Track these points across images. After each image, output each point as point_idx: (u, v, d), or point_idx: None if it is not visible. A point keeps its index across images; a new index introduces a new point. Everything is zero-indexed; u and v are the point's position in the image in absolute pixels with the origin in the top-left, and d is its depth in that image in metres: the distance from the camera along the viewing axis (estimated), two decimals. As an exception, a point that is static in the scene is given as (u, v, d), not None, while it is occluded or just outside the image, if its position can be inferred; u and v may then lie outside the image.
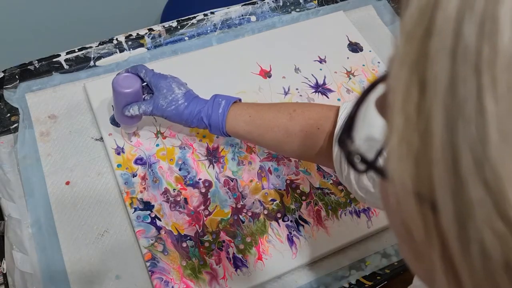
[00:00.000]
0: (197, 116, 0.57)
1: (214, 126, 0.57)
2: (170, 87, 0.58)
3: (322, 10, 0.87)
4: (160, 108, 0.58)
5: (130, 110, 0.59)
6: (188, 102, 0.57)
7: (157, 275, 0.55)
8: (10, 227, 0.56)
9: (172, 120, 0.59)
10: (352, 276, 0.59)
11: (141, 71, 0.60)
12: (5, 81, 0.69)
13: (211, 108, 0.57)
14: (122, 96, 0.59)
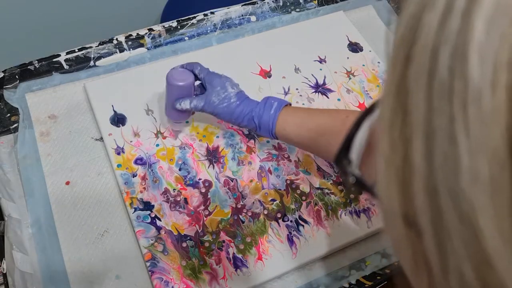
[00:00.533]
0: (248, 116, 0.58)
1: (264, 127, 0.57)
2: (223, 85, 0.59)
3: (322, 10, 0.87)
4: (212, 105, 0.59)
5: (181, 103, 0.60)
6: (240, 102, 0.59)
7: (157, 275, 0.55)
8: (10, 227, 0.56)
9: (222, 117, 0.60)
10: (352, 276, 0.59)
11: (196, 68, 0.62)
12: (5, 81, 0.69)
13: (263, 108, 0.57)
14: (175, 89, 0.60)
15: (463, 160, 0.15)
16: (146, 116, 0.68)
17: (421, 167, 0.16)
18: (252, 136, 0.68)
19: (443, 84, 0.15)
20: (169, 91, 0.61)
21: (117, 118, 0.67)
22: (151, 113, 0.68)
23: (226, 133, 0.68)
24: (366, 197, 0.64)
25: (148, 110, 0.69)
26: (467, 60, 0.14)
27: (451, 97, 0.15)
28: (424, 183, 0.16)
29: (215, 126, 0.68)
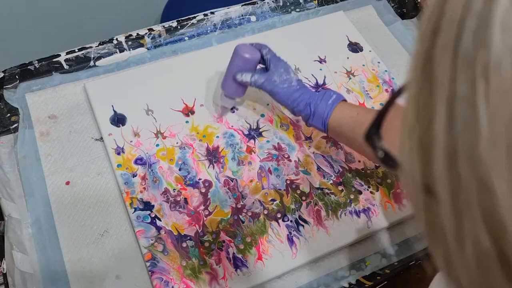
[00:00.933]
0: (304, 101, 0.59)
1: (318, 115, 0.59)
2: (287, 69, 0.61)
3: (322, 10, 0.87)
4: (272, 83, 0.60)
5: (242, 75, 0.61)
6: (300, 87, 0.61)
7: (157, 275, 0.55)
8: (10, 227, 0.56)
9: (278, 97, 0.61)
10: (352, 276, 0.59)
11: (264, 48, 0.63)
12: (5, 81, 0.69)
13: (321, 98, 0.59)
14: (241, 60, 0.62)
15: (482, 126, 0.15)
16: (146, 116, 0.68)
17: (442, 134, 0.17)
18: (252, 136, 0.68)
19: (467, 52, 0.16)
20: (233, 62, 0.63)
21: (117, 118, 0.67)
22: (151, 113, 0.68)
23: (226, 133, 0.68)
24: (366, 197, 0.64)
25: (148, 110, 0.69)
26: (490, 28, 0.15)
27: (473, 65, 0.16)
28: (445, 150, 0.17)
29: (215, 126, 0.68)
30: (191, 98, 0.71)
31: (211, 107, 0.70)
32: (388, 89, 0.76)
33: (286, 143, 0.68)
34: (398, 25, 0.88)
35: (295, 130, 0.70)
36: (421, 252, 0.62)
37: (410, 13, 0.92)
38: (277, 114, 0.71)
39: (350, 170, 0.66)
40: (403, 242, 0.63)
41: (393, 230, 0.64)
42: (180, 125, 0.68)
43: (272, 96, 0.62)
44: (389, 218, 0.63)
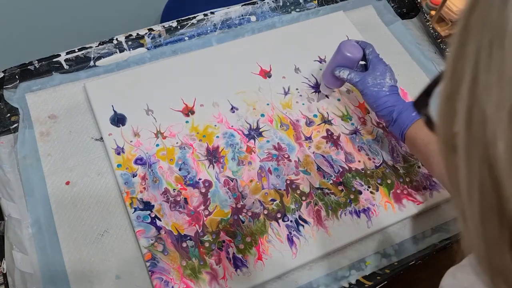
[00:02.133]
0: (389, 108, 0.61)
1: (398, 123, 0.60)
2: (384, 73, 0.63)
3: (322, 10, 0.87)
4: (365, 84, 0.63)
5: (340, 72, 0.66)
6: (390, 93, 0.62)
7: (157, 275, 0.55)
8: (10, 227, 0.56)
9: (366, 98, 0.64)
10: (352, 276, 0.59)
11: (368, 48, 0.67)
12: (5, 81, 0.69)
13: (406, 108, 0.61)
14: (342, 57, 0.66)
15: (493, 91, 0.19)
16: (146, 116, 0.68)
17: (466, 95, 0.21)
18: (252, 136, 0.68)
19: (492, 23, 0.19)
20: (336, 58, 0.67)
21: (117, 118, 0.67)
22: (151, 113, 0.68)
23: (226, 133, 0.68)
24: (366, 197, 0.64)
25: (148, 110, 0.69)
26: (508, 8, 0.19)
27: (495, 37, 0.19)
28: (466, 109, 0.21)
29: (215, 126, 0.68)
30: (191, 98, 0.71)
31: (211, 107, 0.70)
32: (388, 89, 0.76)
33: (286, 143, 0.68)
34: (398, 25, 0.88)
35: (295, 130, 0.70)
36: (421, 252, 0.62)
37: (410, 13, 0.92)
38: (277, 114, 0.71)
39: (350, 170, 0.66)
40: (403, 242, 0.63)
41: (393, 230, 0.64)
42: (180, 125, 0.68)
43: (362, 95, 0.65)
44: (389, 218, 0.63)
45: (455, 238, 0.63)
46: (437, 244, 0.63)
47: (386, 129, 0.71)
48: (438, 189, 0.66)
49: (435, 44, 0.86)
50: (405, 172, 0.67)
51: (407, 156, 0.69)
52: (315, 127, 0.70)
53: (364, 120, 0.72)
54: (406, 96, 0.75)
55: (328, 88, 0.71)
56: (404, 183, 0.66)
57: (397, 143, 0.70)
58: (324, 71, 0.70)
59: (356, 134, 0.70)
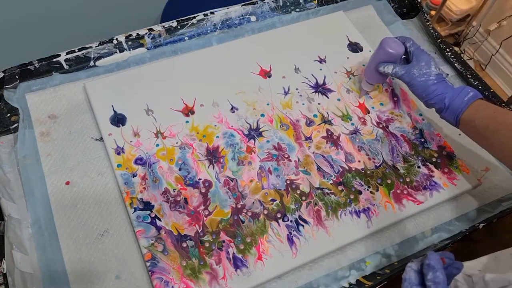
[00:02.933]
0: (440, 96, 0.62)
1: (452, 109, 0.61)
2: (429, 63, 0.64)
3: (322, 10, 0.87)
4: (411, 75, 0.64)
5: (385, 67, 0.67)
6: (438, 81, 0.63)
7: (157, 275, 0.55)
8: (10, 227, 0.56)
9: (415, 89, 0.64)
10: (352, 276, 0.59)
11: (408, 41, 0.67)
12: (5, 81, 0.69)
13: (458, 93, 0.61)
14: (385, 54, 0.67)
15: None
16: (146, 116, 0.68)
17: None
18: (252, 136, 0.68)
19: None
20: (378, 54, 0.68)
21: (117, 118, 0.67)
22: (151, 113, 0.68)
23: (226, 133, 0.68)
24: (366, 197, 0.64)
25: (148, 110, 0.69)
26: None
27: None
28: None
29: (215, 126, 0.68)
30: (191, 98, 0.71)
31: (211, 107, 0.70)
32: (388, 89, 0.77)
33: (286, 143, 0.68)
34: (398, 25, 0.88)
35: (295, 130, 0.70)
36: (421, 252, 0.62)
37: (410, 13, 0.92)
38: (277, 114, 0.71)
39: (350, 170, 0.66)
40: (403, 242, 0.63)
41: (393, 230, 0.64)
42: (180, 125, 0.68)
43: (409, 87, 0.65)
44: (389, 218, 0.63)
45: (455, 238, 0.63)
46: (437, 244, 0.63)
47: (387, 129, 0.71)
48: (438, 189, 0.66)
49: (435, 44, 0.86)
50: (405, 172, 0.67)
51: (407, 156, 0.69)
52: (315, 127, 0.70)
53: (364, 120, 0.72)
54: (406, 96, 0.76)
55: (369, 85, 0.73)
56: (404, 183, 0.66)
57: (397, 143, 0.70)
58: (366, 68, 0.71)
59: (356, 134, 0.70)
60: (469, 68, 0.82)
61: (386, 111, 0.74)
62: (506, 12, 1.73)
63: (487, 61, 1.87)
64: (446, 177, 0.67)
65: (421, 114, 0.74)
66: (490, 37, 1.84)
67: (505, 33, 1.76)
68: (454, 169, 0.68)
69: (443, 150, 0.70)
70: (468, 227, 0.64)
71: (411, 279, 0.44)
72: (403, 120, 0.73)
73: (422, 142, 0.71)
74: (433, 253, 0.43)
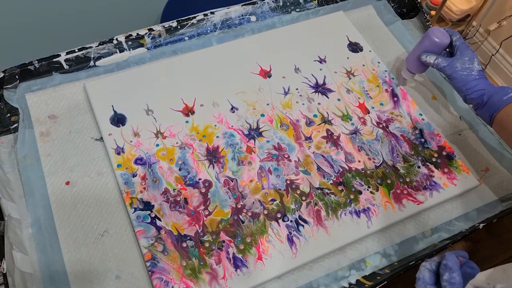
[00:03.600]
0: (480, 91, 0.63)
1: (489, 106, 0.61)
2: (472, 58, 0.65)
3: (322, 10, 0.87)
4: (453, 68, 0.64)
5: (427, 57, 0.67)
6: (479, 77, 0.64)
7: (157, 275, 0.55)
8: (10, 227, 0.56)
9: (455, 82, 0.65)
10: (352, 276, 0.59)
11: (455, 35, 0.67)
12: (5, 81, 0.69)
13: (498, 91, 0.62)
14: (430, 42, 0.67)
15: None
16: (146, 116, 0.68)
17: None
18: (252, 136, 0.68)
19: None
20: (423, 43, 0.68)
21: (117, 118, 0.67)
22: (151, 113, 0.68)
23: (226, 133, 0.68)
24: (366, 197, 0.64)
25: (148, 110, 0.69)
26: None
27: None
28: None
29: (215, 126, 0.68)
30: (191, 98, 0.71)
31: (211, 107, 0.70)
32: (388, 89, 0.77)
33: (286, 143, 0.68)
34: (398, 25, 0.88)
35: (295, 130, 0.70)
36: (421, 252, 0.62)
37: (410, 13, 0.92)
38: (277, 114, 0.71)
39: (350, 170, 0.66)
40: (403, 242, 0.63)
41: (393, 230, 0.64)
42: (180, 125, 0.68)
43: (450, 80, 0.65)
44: (389, 218, 0.63)
45: (455, 238, 0.63)
46: (437, 244, 0.63)
47: (387, 129, 0.71)
48: (438, 189, 0.66)
49: (435, 44, 0.86)
50: (405, 172, 0.67)
51: (407, 156, 0.69)
52: (315, 127, 0.70)
53: (364, 120, 0.72)
54: (406, 96, 0.76)
55: (410, 73, 0.73)
56: (404, 183, 0.66)
57: (397, 143, 0.70)
58: (409, 56, 0.71)
59: (356, 134, 0.70)
60: (469, 68, 0.82)
61: (386, 111, 0.74)
62: (506, 12, 1.73)
63: (487, 61, 1.87)
64: (446, 177, 0.67)
65: (421, 114, 0.74)
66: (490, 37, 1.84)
67: (505, 33, 1.76)
68: (454, 169, 0.68)
69: (443, 150, 0.70)
70: (468, 227, 0.64)
71: (425, 278, 0.43)
72: (403, 120, 0.73)
73: (422, 142, 0.71)
74: (451, 253, 0.43)
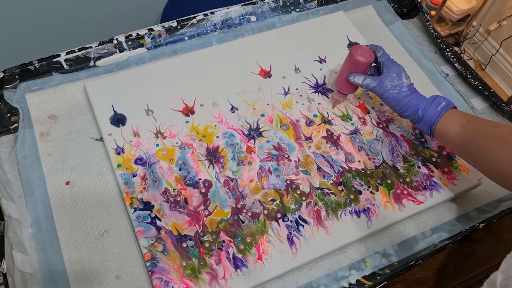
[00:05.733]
0: (413, 107, 0.62)
1: (425, 120, 0.61)
2: (399, 74, 0.63)
3: (322, 10, 0.87)
4: (383, 88, 0.63)
5: (355, 78, 0.65)
6: (410, 93, 0.62)
7: (157, 275, 0.55)
8: (10, 227, 0.56)
9: (388, 102, 0.64)
10: (352, 276, 0.59)
11: (379, 51, 0.65)
12: (5, 81, 0.69)
13: (430, 104, 0.61)
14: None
15: None
16: (146, 116, 0.68)
17: None
18: (252, 136, 0.68)
19: None
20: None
21: (117, 118, 0.67)
22: (151, 113, 0.68)
23: (226, 133, 0.68)
24: (366, 197, 0.64)
25: (148, 110, 0.69)
26: None
27: None
28: None
29: (215, 126, 0.68)
30: (191, 98, 0.71)
31: (211, 107, 0.70)
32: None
33: (286, 143, 0.68)
34: (398, 25, 0.88)
35: (295, 130, 0.70)
36: (421, 252, 0.62)
37: (410, 13, 0.92)
38: (277, 114, 0.71)
39: (350, 170, 0.66)
40: (403, 242, 0.63)
41: (393, 230, 0.64)
42: (180, 125, 0.68)
43: (382, 99, 0.64)
44: (389, 218, 0.63)
45: (455, 238, 0.63)
46: (437, 244, 0.63)
47: (387, 129, 0.71)
48: (438, 189, 0.66)
49: (435, 44, 0.86)
50: (405, 172, 0.67)
51: (407, 156, 0.69)
52: (315, 127, 0.70)
53: (364, 120, 0.72)
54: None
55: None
56: (404, 183, 0.66)
57: (397, 143, 0.70)
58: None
59: (356, 134, 0.70)
60: (469, 68, 0.82)
61: (386, 111, 0.74)
62: (506, 12, 1.73)
63: (487, 61, 1.87)
64: (446, 177, 0.67)
65: (421, 114, 0.74)
66: (490, 37, 1.84)
67: (505, 33, 1.77)
68: (454, 169, 0.68)
69: (443, 150, 0.70)
70: (468, 227, 0.64)
71: None
72: (403, 120, 0.73)
73: (422, 142, 0.71)
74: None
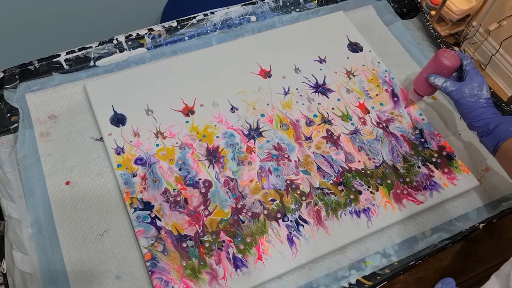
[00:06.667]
0: (486, 120, 0.62)
1: (494, 135, 0.61)
2: (482, 85, 0.63)
3: (322, 10, 0.87)
4: (461, 93, 0.63)
5: (435, 79, 0.66)
6: (487, 105, 0.63)
7: (157, 275, 0.55)
8: (10, 227, 0.56)
9: (462, 108, 0.64)
10: (352, 276, 0.59)
11: (466, 59, 0.66)
12: (5, 81, 0.69)
13: (504, 121, 0.61)
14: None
15: None
16: (146, 116, 0.68)
17: None
18: (252, 136, 0.68)
19: None
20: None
21: (117, 118, 0.67)
22: (151, 113, 0.68)
23: (226, 133, 0.68)
24: (366, 197, 0.64)
25: (148, 110, 0.69)
26: None
27: None
28: None
29: (215, 126, 0.68)
30: (191, 98, 0.71)
31: (211, 107, 0.70)
32: (388, 89, 0.77)
33: (286, 143, 0.68)
34: (398, 25, 0.88)
35: (295, 130, 0.70)
36: (421, 252, 0.62)
37: (410, 13, 0.92)
38: (277, 114, 0.71)
39: (350, 170, 0.66)
40: (403, 242, 0.63)
41: (393, 230, 0.64)
42: (180, 125, 0.68)
43: (457, 105, 0.64)
44: (389, 218, 0.63)
45: (455, 238, 0.63)
46: (437, 244, 0.63)
47: (387, 129, 0.71)
48: (438, 189, 0.66)
49: (435, 44, 0.86)
50: (405, 172, 0.67)
51: (407, 156, 0.69)
52: (315, 127, 0.70)
53: (364, 120, 0.72)
54: (406, 97, 0.75)
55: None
56: (404, 183, 0.66)
57: (397, 143, 0.70)
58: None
59: (356, 134, 0.70)
60: (469, 68, 0.82)
61: (386, 111, 0.74)
62: (506, 12, 1.73)
63: (487, 61, 1.87)
64: (446, 177, 0.67)
65: (421, 114, 0.74)
66: (490, 37, 1.84)
67: (505, 33, 1.76)
68: (454, 169, 0.68)
69: (443, 150, 0.70)
70: (468, 227, 0.64)
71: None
72: (403, 120, 0.73)
73: (422, 142, 0.71)
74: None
